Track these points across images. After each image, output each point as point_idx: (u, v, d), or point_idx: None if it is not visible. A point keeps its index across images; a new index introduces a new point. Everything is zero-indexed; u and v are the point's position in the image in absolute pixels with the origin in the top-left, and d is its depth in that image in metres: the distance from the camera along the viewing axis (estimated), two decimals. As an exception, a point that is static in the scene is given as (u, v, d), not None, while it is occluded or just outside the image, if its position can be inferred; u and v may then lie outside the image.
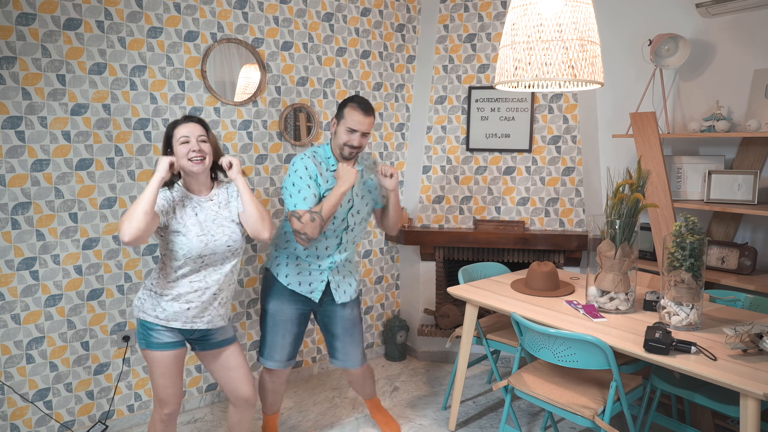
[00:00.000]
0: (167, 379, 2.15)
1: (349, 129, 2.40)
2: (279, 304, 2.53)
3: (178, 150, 2.07)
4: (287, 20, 3.30)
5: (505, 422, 2.56)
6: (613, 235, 2.45)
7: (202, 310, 2.16)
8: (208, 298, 2.16)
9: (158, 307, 2.11)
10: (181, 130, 2.08)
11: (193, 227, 2.09)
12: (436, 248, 3.73)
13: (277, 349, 2.55)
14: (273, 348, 2.55)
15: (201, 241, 2.08)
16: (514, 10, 1.96)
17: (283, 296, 2.53)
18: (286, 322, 2.54)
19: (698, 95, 3.07)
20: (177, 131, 2.09)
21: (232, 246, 2.16)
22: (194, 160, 2.07)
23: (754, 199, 2.75)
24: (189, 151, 2.06)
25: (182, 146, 2.07)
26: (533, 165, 3.61)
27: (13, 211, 2.60)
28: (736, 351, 2.03)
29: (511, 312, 2.43)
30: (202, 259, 2.11)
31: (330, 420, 3.06)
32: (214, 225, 2.13)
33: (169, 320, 2.12)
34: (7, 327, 2.63)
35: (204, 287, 2.14)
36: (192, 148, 2.07)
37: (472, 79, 3.68)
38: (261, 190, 3.30)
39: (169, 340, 2.13)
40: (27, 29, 2.55)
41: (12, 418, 2.67)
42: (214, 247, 2.11)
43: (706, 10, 2.89)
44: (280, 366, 2.57)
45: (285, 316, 2.53)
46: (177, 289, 2.11)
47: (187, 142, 2.07)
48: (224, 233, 2.14)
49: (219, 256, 2.14)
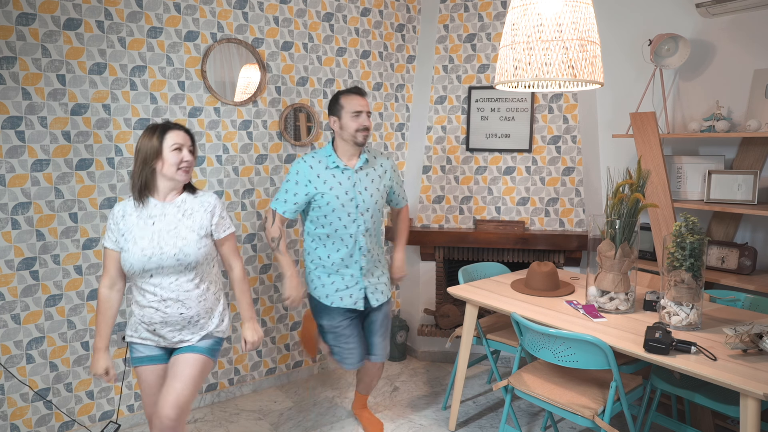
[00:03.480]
0: (148, 396, 2.09)
1: (354, 113, 2.47)
2: (330, 320, 2.64)
3: (168, 156, 1.98)
4: (287, 20, 3.30)
5: (505, 422, 2.56)
6: (613, 235, 2.45)
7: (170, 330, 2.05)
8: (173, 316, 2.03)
9: (134, 325, 2.10)
10: (174, 136, 2.00)
11: (141, 240, 1.99)
12: (436, 248, 3.73)
13: (347, 356, 2.66)
14: (343, 356, 2.67)
15: (144, 255, 1.97)
16: (514, 10, 1.96)
17: (332, 313, 2.63)
18: (344, 333, 2.64)
19: (698, 95, 3.07)
20: (168, 137, 1.99)
21: (182, 260, 1.99)
22: (183, 169, 2.02)
23: (754, 199, 2.75)
24: (181, 160, 2.00)
25: (173, 153, 1.99)
26: (533, 165, 3.61)
27: (13, 211, 2.60)
28: (736, 351, 2.03)
29: (511, 312, 2.43)
30: (149, 273, 1.99)
31: (330, 420, 3.06)
32: (169, 236, 2.00)
33: (144, 339, 2.09)
34: (7, 327, 2.63)
35: (162, 306, 2.01)
36: (185, 158, 2.01)
37: (472, 79, 3.68)
38: (261, 190, 3.30)
39: (150, 353, 2.09)
40: (27, 29, 2.55)
41: (12, 418, 2.67)
42: (160, 261, 1.98)
43: (706, 10, 2.89)
44: (358, 366, 2.69)
45: (339, 329, 2.64)
46: (139, 305, 2.06)
47: (179, 150, 2.00)
48: (175, 245, 1.99)
49: (168, 270, 2.00)
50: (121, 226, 2.02)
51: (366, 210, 2.57)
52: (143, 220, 2.02)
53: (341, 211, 2.52)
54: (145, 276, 2.01)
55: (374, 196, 2.60)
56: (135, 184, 2.02)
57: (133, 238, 2.00)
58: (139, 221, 2.02)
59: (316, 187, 2.49)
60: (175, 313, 2.03)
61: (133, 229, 2.01)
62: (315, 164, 2.52)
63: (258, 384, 3.42)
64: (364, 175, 2.59)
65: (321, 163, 2.52)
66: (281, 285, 3.43)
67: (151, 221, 2.03)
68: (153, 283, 2.01)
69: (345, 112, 2.48)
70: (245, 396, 3.35)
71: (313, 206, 2.55)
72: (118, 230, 2.03)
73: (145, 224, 2.02)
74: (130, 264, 1.99)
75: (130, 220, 2.03)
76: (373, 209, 2.60)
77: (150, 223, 2.02)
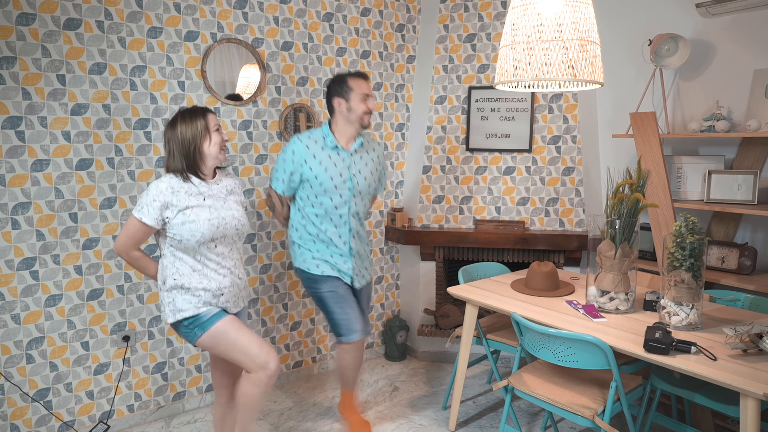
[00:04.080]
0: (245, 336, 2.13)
1: (363, 96, 2.53)
2: (329, 284, 2.63)
3: (213, 136, 2.12)
4: (287, 20, 3.30)
5: (505, 422, 2.56)
6: (613, 235, 2.45)
7: (234, 295, 2.22)
8: (234, 281, 2.21)
9: (194, 299, 2.12)
10: (213, 118, 2.15)
11: (202, 212, 2.11)
12: (436, 248, 3.73)
13: (352, 320, 2.62)
14: (349, 321, 2.61)
15: (212, 224, 2.11)
16: (514, 10, 1.96)
17: (327, 280, 2.63)
18: (344, 296, 2.64)
19: (698, 95, 3.07)
20: (210, 118, 2.13)
21: (240, 229, 2.21)
22: (223, 149, 2.17)
23: (754, 199, 2.75)
24: (222, 140, 2.15)
25: (216, 133, 2.14)
26: (533, 165, 3.61)
27: (13, 211, 2.60)
28: (736, 351, 2.03)
29: (511, 312, 2.43)
30: (215, 243, 2.14)
31: (330, 420, 3.06)
32: (223, 208, 2.17)
33: (211, 304, 2.15)
34: (7, 327, 2.63)
35: (227, 272, 2.18)
36: (225, 138, 2.17)
37: (472, 79, 3.68)
38: (261, 191, 3.30)
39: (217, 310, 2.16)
40: (27, 29, 2.55)
41: (12, 418, 2.67)
42: (225, 230, 2.15)
43: (706, 10, 2.89)
44: (363, 334, 2.65)
45: (340, 290, 2.64)
46: (201, 277, 2.12)
47: (219, 131, 2.15)
48: (233, 216, 2.19)
49: (229, 239, 2.19)
50: (175, 202, 2.08)
51: (359, 193, 2.61)
52: (194, 196, 2.12)
53: (334, 192, 2.55)
54: (210, 246, 2.13)
55: (367, 180, 2.65)
56: (185, 164, 2.11)
57: (194, 212, 2.09)
58: (190, 197, 2.11)
59: (311, 167, 2.51)
60: (236, 277, 2.23)
61: (190, 203, 2.10)
62: (311, 144, 2.54)
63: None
64: (358, 158, 2.62)
65: (317, 143, 2.54)
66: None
67: (201, 197, 2.14)
68: (217, 252, 2.16)
69: (355, 94, 2.53)
70: (245, 396, 3.35)
71: (305, 185, 2.57)
72: (166, 206, 2.07)
73: (197, 200, 2.12)
74: (201, 233, 2.08)
75: (181, 195, 2.10)
76: (364, 192, 2.64)
77: (201, 199, 2.13)
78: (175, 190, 2.09)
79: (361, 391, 3.40)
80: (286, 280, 3.47)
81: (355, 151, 2.62)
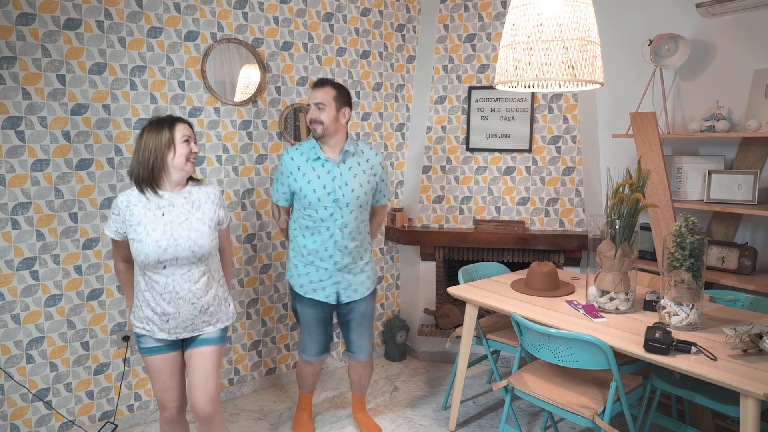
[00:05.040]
0: (158, 383, 2.15)
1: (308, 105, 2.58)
2: (302, 307, 2.68)
3: (179, 147, 2.03)
4: (287, 20, 3.30)
5: (505, 422, 2.56)
6: (613, 235, 2.45)
7: (183, 320, 2.09)
8: (185, 307, 2.07)
9: (144, 319, 2.10)
10: (182, 129, 2.06)
11: (154, 231, 2.01)
12: (436, 248, 3.73)
13: (309, 345, 2.71)
14: (305, 344, 2.72)
15: (159, 246, 1.99)
16: (514, 10, 1.96)
17: (304, 301, 2.66)
18: (311, 323, 2.68)
19: (698, 95, 3.07)
20: (177, 129, 2.04)
21: (196, 251, 2.05)
22: (191, 161, 2.07)
23: (754, 199, 2.75)
24: (190, 152, 2.06)
25: (184, 145, 2.04)
26: (533, 165, 3.61)
27: (13, 211, 2.60)
28: (736, 351, 2.03)
29: (511, 312, 2.43)
30: (163, 264, 2.02)
31: (330, 420, 3.06)
32: (181, 228, 2.04)
33: (155, 332, 2.10)
34: (7, 327, 2.63)
35: (175, 297, 2.05)
36: (194, 149, 2.08)
37: (472, 79, 3.68)
38: (261, 190, 3.30)
39: (155, 344, 2.12)
40: (27, 29, 2.55)
41: (12, 418, 2.67)
42: (175, 252, 2.01)
43: (706, 10, 2.89)
44: (313, 359, 2.74)
45: (309, 317, 2.67)
46: (149, 297, 2.07)
47: (188, 142, 2.06)
48: (189, 237, 2.04)
49: (182, 261, 2.04)
50: (128, 217, 2.03)
51: (345, 205, 2.53)
52: (151, 211, 2.04)
53: (317, 205, 2.52)
54: (158, 267, 2.03)
55: (356, 191, 2.55)
56: (141, 176, 2.03)
57: (144, 230, 2.01)
58: (147, 212, 2.04)
59: (296, 179, 2.53)
60: (188, 303, 2.08)
61: (143, 220, 2.03)
62: (296, 156, 2.55)
63: (258, 384, 3.42)
64: (346, 169, 2.54)
65: (302, 156, 2.56)
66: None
67: (160, 212, 2.05)
68: (165, 274, 2.04)
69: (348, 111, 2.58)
70: (245, 396, 3.35)
71: (296, 197, 2.59)
72: (123, 221, 2.04)
73: (155, 215, 2.04)
74: (145, 254, 1.99)
75: (136, 210, 2.04)
76: (353, 204, 2.55)
77: (159, 215, 2.04)
78: (132, 204, 2.04)
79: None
80: (286, 280, 3.47)
81: (343, 161, 2.54)
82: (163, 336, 2.11)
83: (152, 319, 2.08)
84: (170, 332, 2.10)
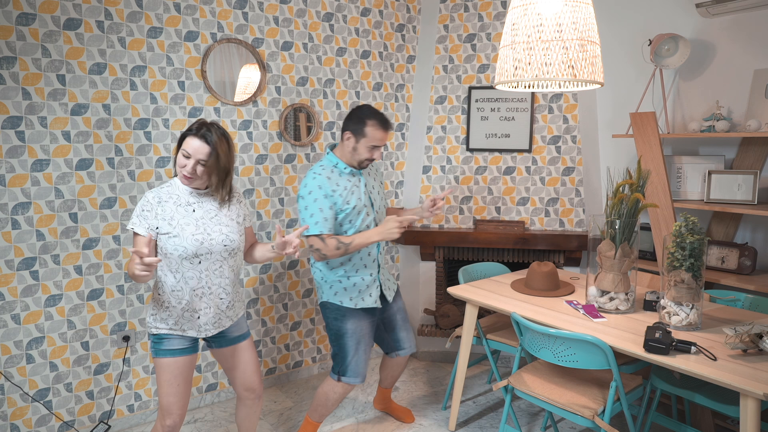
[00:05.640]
0: (173, 387, 2.13)
1: (372, 147, 2.49)
2: (356, 322, 2.56)
3: (178, 157, 2.05)
4: (287, 20, 3.30)
5: (505, 422, 2.56)
6: (613, 235, 2.45)
7: (213, 316, 2.14)
8: (215, 302, 2.13)
9: (170, 318, 2.10)
10: (191, 143, 2.02)
11: (188, 226, 2.05)
12: (436, 248, 3.73)
13: (362, 365, 2.58)
14: (359, 365, 2.56)
15: (196, 239, 2.04)
16: (514, 10, 1.96)
17: (356, 315, 2.57)
18: (365, 336, 2.59)
19: (698, 95, 3.07)
20: (187, 141, 2.03)
21: (228, 246, 2.12)
22: (185, 174, 2.05)
23: (754, 199, 2.75)
24: (184, 167, 2.04)
25: (181, 157, 2.04)
26: (533, 165, 3.61)
27: (13, 211, 2.60)
28: (736, 351, 2.03)
29: (511, 312, 2.43)
30: (199, 259, 2.07)
31: (330, 420, 3.06)
32: (212, 223, 2.10)
33: (185, 330, 2.11)
34: (7, 327, 2.63)
35: (207, 292, 2.11)
36: (189, 167, 2.03)
37: (472, 79, 3.68)
38: (261, 190, 3.30)
39: (180, 346, 2.12)
40: (27, 29, 2.55)
41: (12, 418, 2.67)
42: (210, 246, 2.07)
43: (706, 10, 2.89)
44: (361, 381, 2.59)
45: (364, 331, 2.59)
46: (181, 295, 2.08)
47: (188, 157, 2.03)
48: (221, 232, 2.11)
49: (216, 255, 2.10)
50: (159, 212, 2.05)
51: (379, 208, 2.64)
52: (182, 207, 2.08)
53: (363, 212, 2.54)
54: (194, 261, 2.06)
55: (381, 194, 2.68)
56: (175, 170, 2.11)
57: (179, 224, 2.05)
58: (179, 208, 2.07)
59: (340, 194, 2.48)
60: (217, 298, 2.14)
61: (175, 216, 2.06)
62: (330, 174, 2.50)
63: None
64: (369, 177, 2.65)
65: (333, 172, 2.51)
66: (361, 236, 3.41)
67: (191, 208, 2.09)
68: (200, 269, 2.08)
69: (366, 140, 2.45)
70: (245, 396, 3.35)
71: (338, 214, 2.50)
72: (155, 216, 2.05)
73: (186, 211, 2.08)
74: (183, 248, 2.03)
75: (167, 206, 2.06)
76: (380, 208, 2.66)
77: (190, 210, 2.09)
78: (162, 201, 2.06)
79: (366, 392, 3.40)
80: (286, 280, 3.47)
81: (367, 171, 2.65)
82: (192, 334, 2.13)
83: (183, 317, 2.10)
84: (200, 330, 2.13)
